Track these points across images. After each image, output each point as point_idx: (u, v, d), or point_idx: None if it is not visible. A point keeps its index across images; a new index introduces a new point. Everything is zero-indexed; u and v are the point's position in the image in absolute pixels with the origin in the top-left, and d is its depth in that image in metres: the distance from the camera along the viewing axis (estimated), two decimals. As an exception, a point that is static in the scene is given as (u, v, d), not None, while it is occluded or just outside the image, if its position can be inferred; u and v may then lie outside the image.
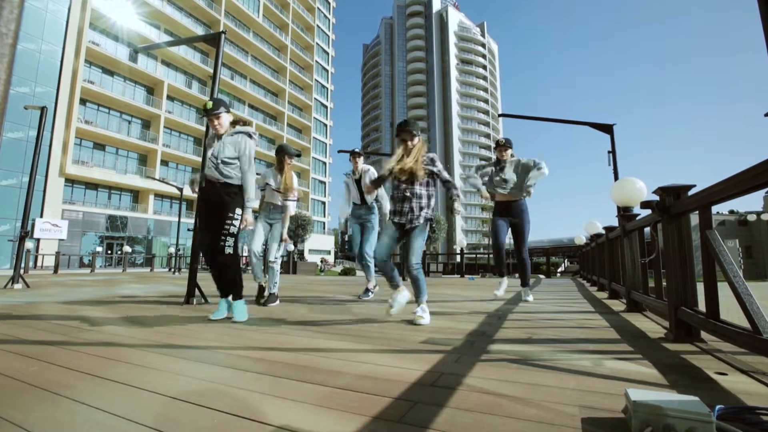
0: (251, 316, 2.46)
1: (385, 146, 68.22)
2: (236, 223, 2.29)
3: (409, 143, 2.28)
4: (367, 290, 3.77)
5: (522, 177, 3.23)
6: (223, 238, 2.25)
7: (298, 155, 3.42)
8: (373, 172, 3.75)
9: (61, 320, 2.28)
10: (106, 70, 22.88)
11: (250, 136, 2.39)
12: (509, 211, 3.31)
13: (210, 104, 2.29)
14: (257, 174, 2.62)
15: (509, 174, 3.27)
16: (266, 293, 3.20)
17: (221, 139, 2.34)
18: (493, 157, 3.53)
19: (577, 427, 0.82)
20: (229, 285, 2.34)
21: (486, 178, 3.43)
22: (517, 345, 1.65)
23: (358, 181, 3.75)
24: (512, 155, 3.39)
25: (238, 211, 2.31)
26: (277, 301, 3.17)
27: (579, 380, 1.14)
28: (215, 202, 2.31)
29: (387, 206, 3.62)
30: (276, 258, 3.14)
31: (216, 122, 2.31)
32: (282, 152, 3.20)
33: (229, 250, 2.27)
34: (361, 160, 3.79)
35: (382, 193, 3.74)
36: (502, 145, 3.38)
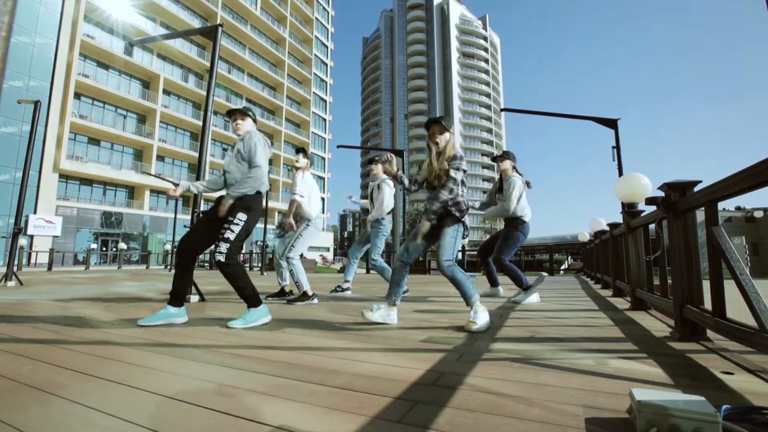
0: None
1: (385, 141, 68.04)
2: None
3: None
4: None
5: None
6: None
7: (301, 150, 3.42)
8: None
9: (55, 318, 2.26)
10: (101, 64, 22.61)
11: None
12: (505, 222, 3.50)
13: (242, 107, 2.32)
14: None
15: (503, 188, 3.42)
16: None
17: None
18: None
19: (581, 427, 0.81)
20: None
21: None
22: (520, 344, 1.63)
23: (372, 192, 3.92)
24: (513, 168, 3.45)
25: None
26: (302, 302, 3.20)
27: (583, 380, 1.12)
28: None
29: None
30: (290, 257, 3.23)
31: (239, 122, 2.27)
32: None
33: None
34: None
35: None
36: (498, 157, 3.52)
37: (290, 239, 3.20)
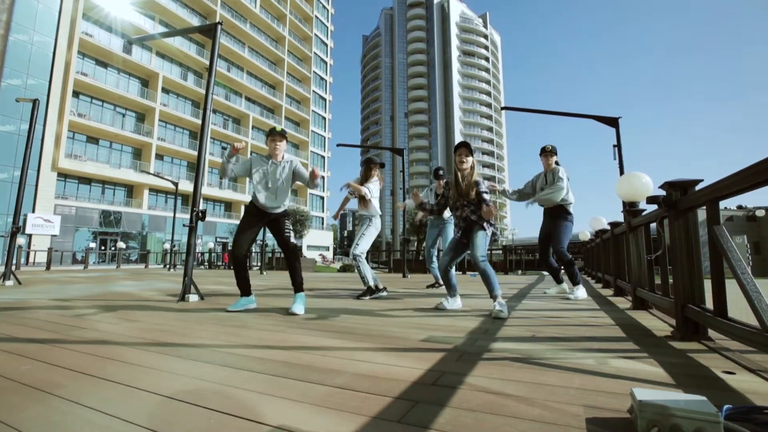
0: (249, 313, 2.44)
1: (385, 140, 67.94)
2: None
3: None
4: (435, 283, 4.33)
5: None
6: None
7: (380, 165, 3.66)
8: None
9: (53, 318, 2.25)
10: (99, 62, 22.55)
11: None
12: (546, 216, 3.46)
13: (280, 128, 2.77)
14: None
15: (549, 181, 3.35)
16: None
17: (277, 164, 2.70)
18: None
19: (581, 427, 0.81)
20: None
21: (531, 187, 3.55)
22: (520, 343, 1.63)
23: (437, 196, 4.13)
24: (556, 162, 3.42)
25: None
26: (367, 296, 3.29)
27: (583, 379, 1.12)
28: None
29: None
30: (356, 254, 3.35)
31: (279, 144, 2.71)
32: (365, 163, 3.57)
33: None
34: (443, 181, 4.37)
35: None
36: (549, 152, 3.39)
37: (356, 237, 3.40)
